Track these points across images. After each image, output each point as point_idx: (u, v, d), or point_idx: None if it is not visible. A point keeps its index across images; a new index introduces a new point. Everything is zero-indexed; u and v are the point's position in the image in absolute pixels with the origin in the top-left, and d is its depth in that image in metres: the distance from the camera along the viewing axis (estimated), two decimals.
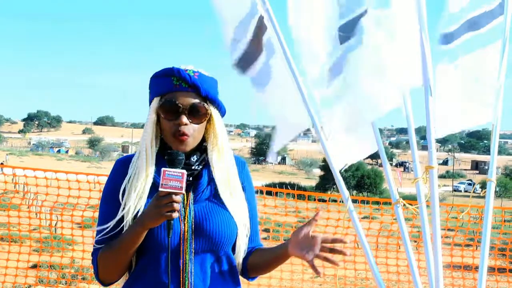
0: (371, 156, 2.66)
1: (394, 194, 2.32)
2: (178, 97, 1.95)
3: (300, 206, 9.18)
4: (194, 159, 1.99)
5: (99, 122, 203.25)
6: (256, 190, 2.58)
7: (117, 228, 1.94)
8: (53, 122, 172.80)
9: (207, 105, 1.98)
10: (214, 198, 1.99)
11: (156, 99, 1.99)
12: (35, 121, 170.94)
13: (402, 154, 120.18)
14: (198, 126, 1.97)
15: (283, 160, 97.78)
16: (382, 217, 9.24)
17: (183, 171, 1.82)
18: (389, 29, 2.24)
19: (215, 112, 2.01)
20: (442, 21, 2.36)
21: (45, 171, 7.58)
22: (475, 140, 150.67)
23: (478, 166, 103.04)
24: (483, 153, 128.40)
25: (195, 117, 1.96)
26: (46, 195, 7.58)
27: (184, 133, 1.93)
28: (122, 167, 2.00)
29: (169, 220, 1.82)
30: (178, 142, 1.94)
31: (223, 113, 2.05)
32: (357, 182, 51.39)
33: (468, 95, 2.41)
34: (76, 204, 7.69)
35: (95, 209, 7.16)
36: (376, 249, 8.18)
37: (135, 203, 1.92)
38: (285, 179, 61.53)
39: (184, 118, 1.93)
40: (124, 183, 1.96)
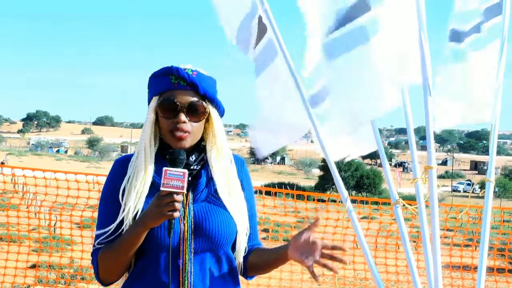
0: (370, 156, 2.67)
1: (394, 194, 2.32)
2: (177, 95, 1.94)
3: (299, 206, 9.18)
4: (193, 158, 1.98)
5: (98, 122, 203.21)
6: (255, 190, 2.57)
7: (117, 229, 1.93)
8: (52, 122, 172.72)
9: (205, 103, 1.97)
10: (213, 197, 1.99)
11: (155, 98, 1.98)
12: (34, 121, 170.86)
13: (401, 154, 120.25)
14: (197, 124, 1.96)
15: (282, 160, 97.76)
16: (381, 217, 9.26)
17: (184, 171, 1.82)
18: (388, 28, 2.23)
19: (213, 111, 2.01)
20: (454, 18, 2.35)
21: (44, 171, 7.57)
22: (474, 141, 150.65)
23: (477, 167, 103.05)
24: (482, 153, 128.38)
25: (194, 115, 1.95)
26: (45, 195, 7.58)
27: (183, 130, 1.93)
28: (121, 167, 2.00)
29: (170, 219, 1.82)
30: (176, 140, 1.93)
31: (221, 113, 2.05)
32: (356, 182, 51.38)
33: (469, 94, 2.41)
34: (75, 204, 7.67)
35: (94, 209, 7.15)
36: (375, 249, 8.17)
37: (135, 203, 1.92)
38: (284, 179, 61.54)
39: (183, 116, 1.93)
40: (124, 183, 1.95)
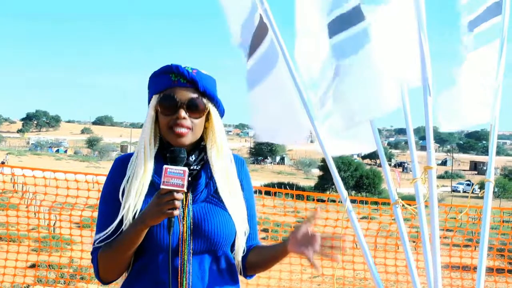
0: (369, 156, 2.68)
1: (393, 194, 2.32)
2: (177, 92, 1.94)
3: (299, 206, 9.18)
4: (193, 158, 1.98)
5: (98, 122, 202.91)
6: (255, 190, 2.58)
7: (117, 228, 1.93)
8: (52, 122, 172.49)
9: (205, 100, 1.98)
10: (212, 198, 1.99)
11: (155, 96, 1.98)
12: (34, 120, 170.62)
13: (401, 155, 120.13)
14: (197, 121, 1.96)
15: (282, 160, 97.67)
16: (380, 217, 9.26)
17: (185, 169, 1.81)
18: (388, 28, 2.23)
19: (213, 110, 2.01)
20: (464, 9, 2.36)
21: (43, 170, 7.56)
22: (473, 141, 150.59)
23: (476, 167, 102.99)
24: (482, 153, 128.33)
25: (193, 112, 1.95)
26: (44, 194, 7.57)
27: (183, 126, 1.92)
28: (121, 166, 2.00)
29: (170, 218, 1.81)
30: (176, 136, 1.93)
31: (222, 113, 2.05)
32: (356, 182, 51.37)
33: (469, 94, 2.41)
34: (74, 204, 7.67)
35: (94, 209, 7.14)
36: (374, 249, 8.17)
37: (134, 202, 1.92)
38: (284, 179, 61.50)
39: (183, 112, 1.93)
40: (124, 183, 1.95)
